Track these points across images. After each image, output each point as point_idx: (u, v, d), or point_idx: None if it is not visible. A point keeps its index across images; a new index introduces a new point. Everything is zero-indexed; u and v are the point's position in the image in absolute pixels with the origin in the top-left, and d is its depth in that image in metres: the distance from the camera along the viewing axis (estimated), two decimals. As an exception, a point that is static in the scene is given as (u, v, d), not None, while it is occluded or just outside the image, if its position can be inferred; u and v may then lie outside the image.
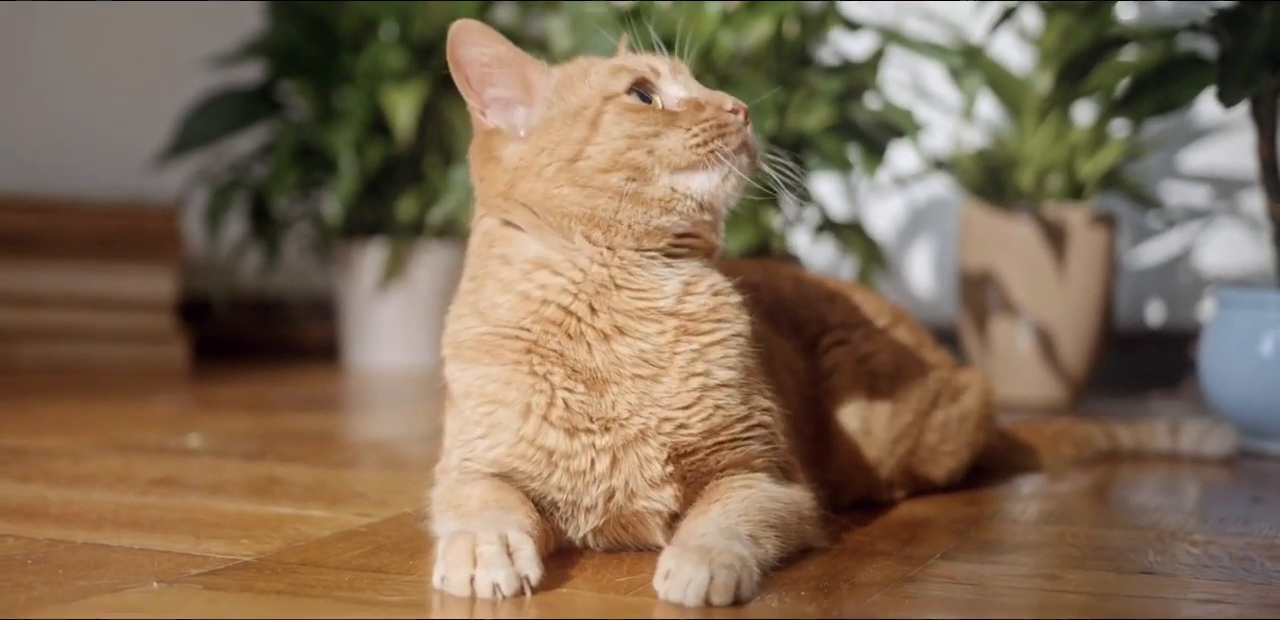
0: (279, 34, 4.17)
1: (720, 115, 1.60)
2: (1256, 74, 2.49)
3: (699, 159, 1.58)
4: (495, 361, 1.61)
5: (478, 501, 1.58)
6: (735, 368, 1.63)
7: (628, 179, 1.57)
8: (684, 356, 1.60)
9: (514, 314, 1.60)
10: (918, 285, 4.34)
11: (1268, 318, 2.65)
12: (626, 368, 1.58)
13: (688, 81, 1.66)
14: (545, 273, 1.60)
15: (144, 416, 3.00)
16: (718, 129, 1.59)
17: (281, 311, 4.79)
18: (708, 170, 1.59)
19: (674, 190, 1.59)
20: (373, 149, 4.07)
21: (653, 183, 1.58)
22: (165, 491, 2.04)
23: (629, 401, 1.58)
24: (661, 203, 1.59)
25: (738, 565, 1.40)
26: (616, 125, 1.58)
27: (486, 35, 1.62)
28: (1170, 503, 2.18)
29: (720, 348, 1.62)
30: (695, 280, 1.63)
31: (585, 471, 1.59)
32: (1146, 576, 1.62)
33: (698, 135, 1.58)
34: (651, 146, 1.58)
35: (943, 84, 3.94)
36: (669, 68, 1.66)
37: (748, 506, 1.57)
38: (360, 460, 2.51)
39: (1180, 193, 4.04)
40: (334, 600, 1.40)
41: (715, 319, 1.63)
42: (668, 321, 1.60)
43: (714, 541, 1.45)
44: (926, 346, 2.16)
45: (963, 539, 1.81)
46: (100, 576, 1.49)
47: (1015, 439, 2.42)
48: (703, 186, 1.59)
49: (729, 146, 1.59)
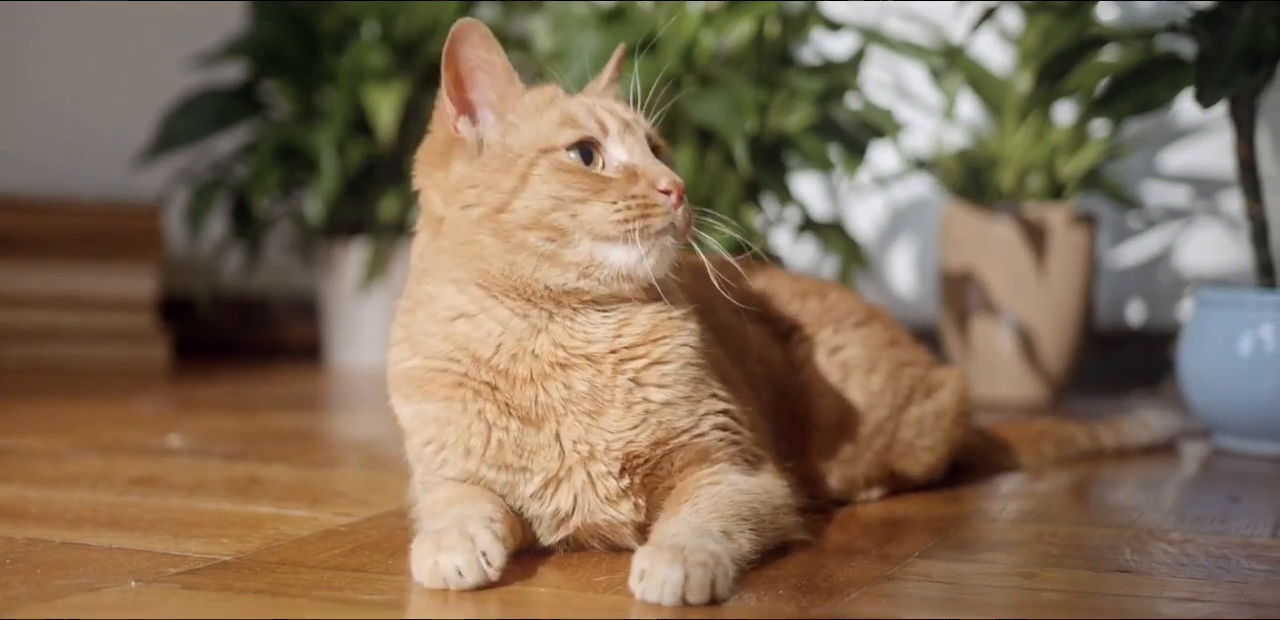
0: (261, 33, 4.16)
1: (651, 194, 1.55)
2: (1234, 74, 2.50)
3: (619, 235, 1.54)
4: (427, 398, 1.62)
5: (444, 502, 1.60)
6: (676, 383, 1.63)
7: (547, 239, 1.54)
8: (623, 387, 1.60)
9: (444, 346, 1.61)
10: (899, 285, 4.35)
11: (1245, 317, 2.66)
12: (561, 406, 1.58)
13: (635, 143, 1.60)
14: (464, 322, 1.60)
15: (125, 416, 2.99)
16: (643, 209, 1.54)
17: (263, 311, 4.78)
18: (627, 246, 1.54)
19: (593, 257, 1.55)
20: (354, 148, 4.06)
21: (572, 246, 1.55)
22: (145, 491, 2.04)
23: (573, 435, 1.59)
24: (580, 267, 1.56)
25: (711, 563, 1.40)
26: (545, 184, 1.55)
27: (487, 40, 1.61)
28: (1149, 501, 2.19)
29: (656, 368, 1.62)
30: (629, 316, 1.62)
31: (527, 495, 1.61)
32: (1123, 575, 1.62)
33: (621, 211, 1.54)
34: (575, 211, 1.54)
35: (924, 84, 3.94)
36: (620, 125, 1.61)
37: (717, 502, 1.57)
38: (341, 460, 2.51)
39: (1160, 193, 4.05)
40: (313, 599, 1.40)
41: (652, 340, 1.62)
42: (604, 361, 1.59)
43: (686, 540, 1.45)
44: (903, 344, 2.17)
45: (941, 537, 1.82)
46: (78, 576, 1.49)
47: (996, 438, 2.43)
48: (621, 260, 1.55)
49: (652, 228, 1.55)
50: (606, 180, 1.56)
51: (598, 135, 1.59)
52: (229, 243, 4.26)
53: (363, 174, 4.15)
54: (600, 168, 1.58)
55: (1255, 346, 2.65)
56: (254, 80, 4.23)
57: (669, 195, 1.55)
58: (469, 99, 1.63)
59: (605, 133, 1.60)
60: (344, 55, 4.10)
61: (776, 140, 3.23)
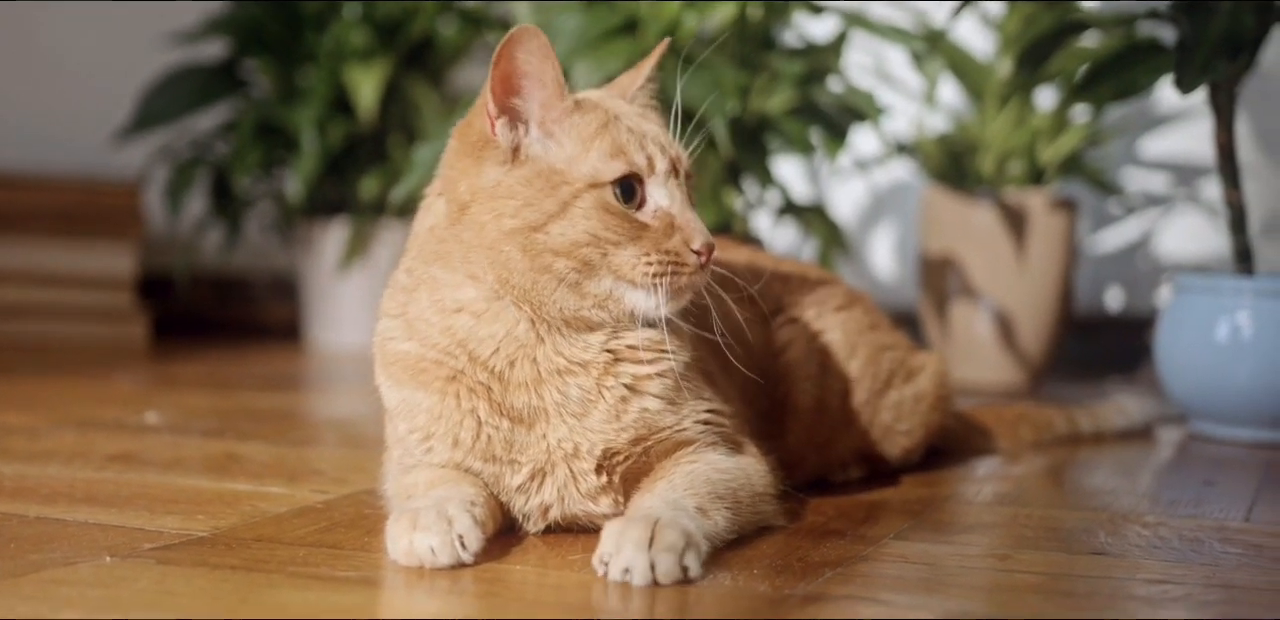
0: (242, 11, 4.15)
1: (684, 253, 1.58)
2: (1214, 61, 2.50)
3: (644, 284, 1.57)
4: (421, 388, 1.62)
5: (424, 484, 1.60)
6: (665, 389, 1.64)
7: (575, 270, 1.56)
8: (612, 391, 1.61)
9: (442, 339, 1.61)
10: (879, 269, 4.36)
11: (1223, 303, 2.67)
12: (553, 409, 1.60)
13: (677, 188, 1.61)
14: (468, 317, 1.60)
15: (103, 394, 2.98)
16: (674, 266, 1.58)
17: (243, 290, 4.77)
18: (648, 293, 1.58)
19: (612, 294, 1.58)
20: (335, 128, 4.05)
21: (595, 279, 1.57)
22: (122, 467, 2.04)
23: (558, 434, 1.60)
24: (597, 299, 1.58)
25: (680, 545, 1.41)
26: (586, 219, 1.55)
27: (545, 50, 1.58)
28: (1124, 485, 2.20)
29: (646, 380, 1.63)
30: (623, 330, 1.63)
31: (513, 487, 1.61)
32: (1097, 557, 1.63)
33: (652, 264, 1.57)
34: (608, 252, 1.56)
35: (905, 68, 3.94)
36: (666, 166, 1.61)
37: (693, 480, 1.58)
38: (319, 438, 2.52)
39: (1140, 179, 4.06)
40: (288, 575, 1.40)
41: (645, 348, 1.62)
42: (592, 366, 1.61)
43: (659, 512, 1.46)
44: (883, 328, 2.17)
45: (917, 519, 1.83)
46: (53, 550, 1.49)
47: (974, 422, 2.44)
48: (639, 304, 1.59)
49: (678, 284, 1.58)
50: (644, 227, 1.58)
51: (644, 173, 1.59)
52: (209, 221, 4.25)
53: (343, 153, 4.14)
54: (638, 205, 1.59)
55: (1232, 333, 2.66)
56: (235, 58, 4.22)
57: (699, 256, 1.58)
58: (513, 104, 1.60)
59: (652, 171, 1.60)
60: (325, 34, 4.08)
61: (758, 123, 3.23)
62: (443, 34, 4.16)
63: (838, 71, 3.34)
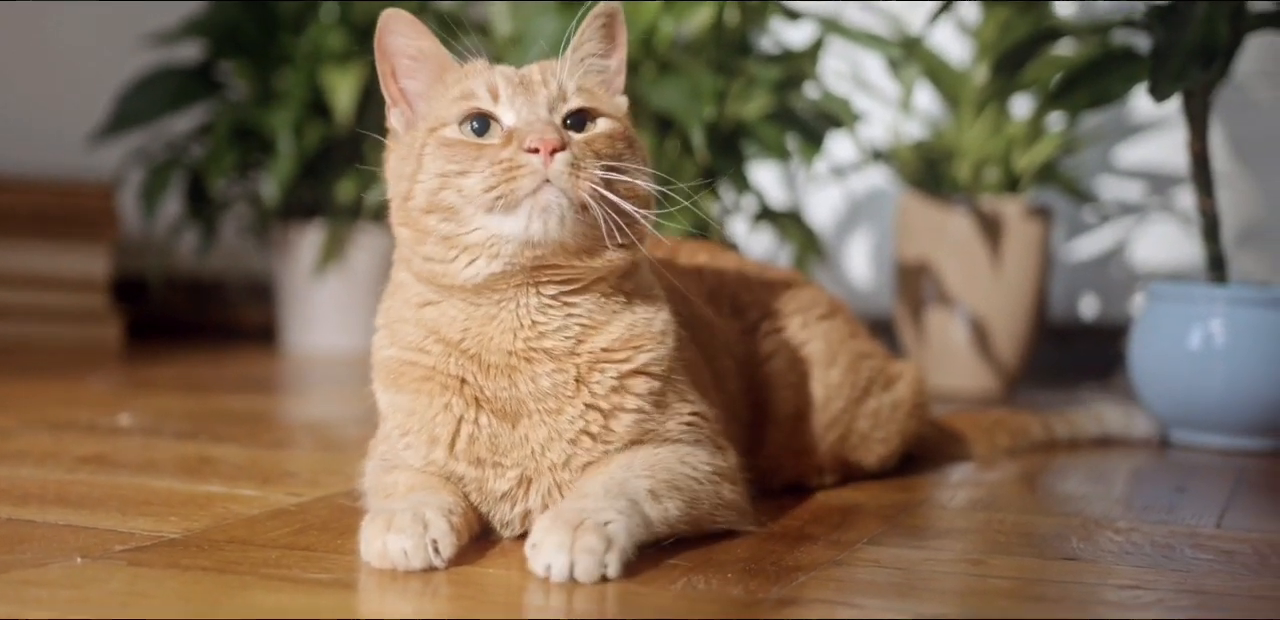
0: (219, 13, 4.13)
1: (516, 155, 1.47)
2: (1188, 69, 2.52)
3: (492, 203, 1.47)
4: (400, 390, 1.61)
5: (404, 486, 1.59)
6: (648, 393, 1.61)
7: (444, 219, 1.50)
8: (589, 390, 1.58)
9: (415, 335, 1.60)
10: (855, 275, 4.36)
11: (1196, 311, 2.68)
12: (530, 403, 1.56)
13: (526, 103, 1.52)
14: (431, 308, 1.59)
15: (76, 395, 2.97)
16: (507, 172, 1.47)
17: (218, 293, 4.75)
18: (510, 214, 1.48)
19: (489, 233, 1.49)
20: (312, 130, 4.04)
21: (467, 225, 1.49)
22: (94, 469, 2.03)
23: (540, 435, 1.57)
24: (483, 247, 1.50)
25: (600, 548, 1.39)
26: (433, 162, 1.51)
27: (414, 27, 1.58)
28: (1097, 491, 2.21)
29: (629, 379, 1.60)
30: (599, 322, 1.59)
31: (498, 493, 1.60)
32: (1070, 562, 1.64)
33: (488, 178, 1.47)
34: (459, 186, 1.49)
35: (882, 75, 3.95)
36: (512, 88, 1.52)
37: (654, 464, 1.56)
38: (293, 441, 2.51)
39: (1115, 187, 4.07)
40: (260, 577, 1.40)
41: (629, 347, 1.60)
42: (565, 361, 1.56)
43: (590, 504, 1.45)
44: (861, 337, 2.18)
45: (891, 525, 1.83)
46: (23, 551, 1.48)
47: (949, 428, 2.44)
48: (511, 230, 1.48)
49: (520, 191, 1.46)
50: (481, 148, 1.50)
51: (487, 104, 1.52)
52: (184, 224, 4.23)
53: (320, 156, 4.13)
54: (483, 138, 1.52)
55: (1205, 340, 2.67)
56: (211, 60, 4.20)
57: (535, 154, 1.46)
58: (404, 87, 1.60)
59: (496, 99, 1.53)
60: (302, 36, 4.08)
61: (734, 128, 3.23)
62: (420, 37, 4.16)
63: (814, 77, 3.35)
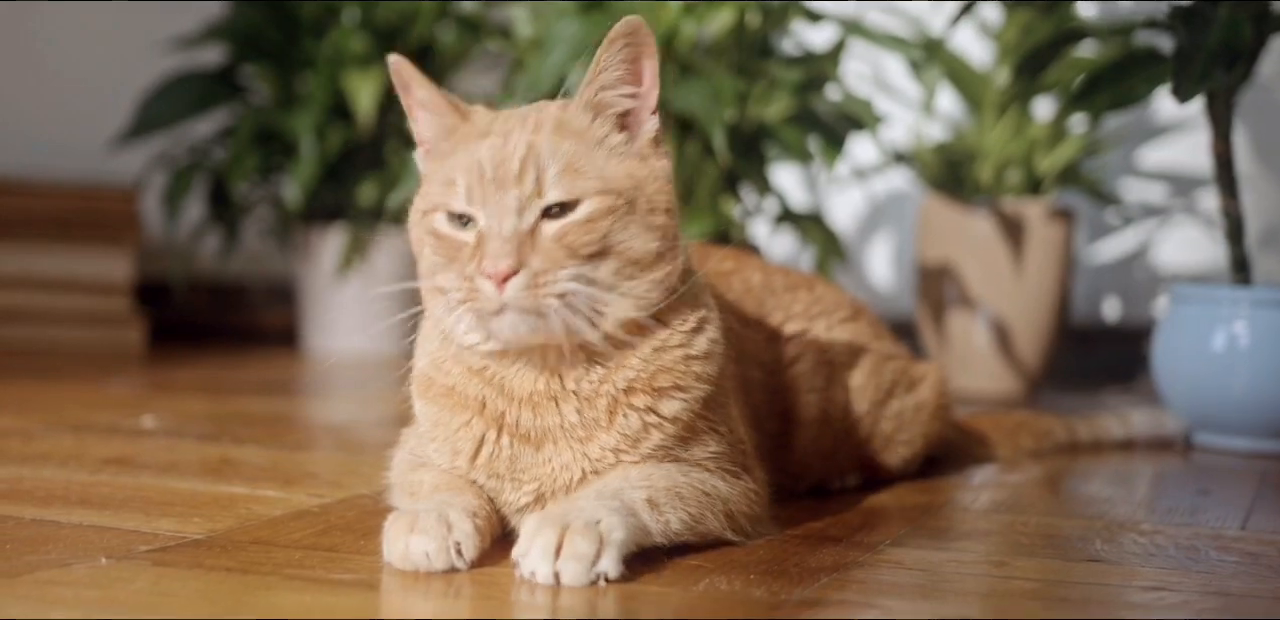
0: (241, 17, 4.15)
1: (475, 279, 1.44)
2: (1211, 70, 2.51)
3: (453, 309, 1.48)
4: (428, 401, 1.61)
5: (429, 486, 1.59)
6: (676, 430, 1.57)
7: (430, 293, 1.53)
8: (619, 424, 1.55)
9: (440, 353, 1.59)
10: (876, 278, 4.36)
11: (1220, 313, 2.67)
12: (557, 431, 1.55)
13: (491, 197, 1.46)
14: None
15: (99, 398, 2.98)
16: (469, 292, 1.45)
17: (240, 296, 4.77)
18: (479, 324, 1.48)
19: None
20: (334, 134, 4.05)
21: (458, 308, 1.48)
22: (117, 470, 2.03)
23: (565, 459, 1.55)
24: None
25: (590, 555, 1.37)
26: (427, 245, 1.51)
27: (413, 77, 1.55)
28: (1120, 493, 2.20)
29: (657, 413, 1.56)
30: (627, 364, 1.55)
31: (514, 506, 1.59)
32: (1093, 564, 1.63)
33: (458, 288, 1.46)
34: (446, 277, 1.48)
35: (903, 77, 3.95)
36: (481, 185, 1.46)
37: (654, 475, 1.54)
38: (315, 443, 2.51)
39: (1138, 189, 4.06)
40: (284, 577, 1.40)
41: (657, 388, 1.56)
42: (595, 399, 1.54)
43: (577, 514, 1.42)
44: (884, 339, 2.18)
45: (914, 526, 1.83)
46: (48, 552, 1.48)
47: (972, 430, 2.44)
48: (457, 332, 1.51)
49: (483, 311, 1.45)
50: (459, 249, 1.48)
51: (460, 204, 1.48)
52: (206, 227, 4.25)
53: (341, 159, 4.14)
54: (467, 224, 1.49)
55: (1229, 342, 2.66)
56: (233, 64, 4.22)
57: (489, 281, 1.43)
58: (420, 134, 1.60)
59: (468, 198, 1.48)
60: (324, 40, 4.09)
61: (756, 130, 3.23)
62: (441, 40, 4.17)
63: (836, 79, 3.35)
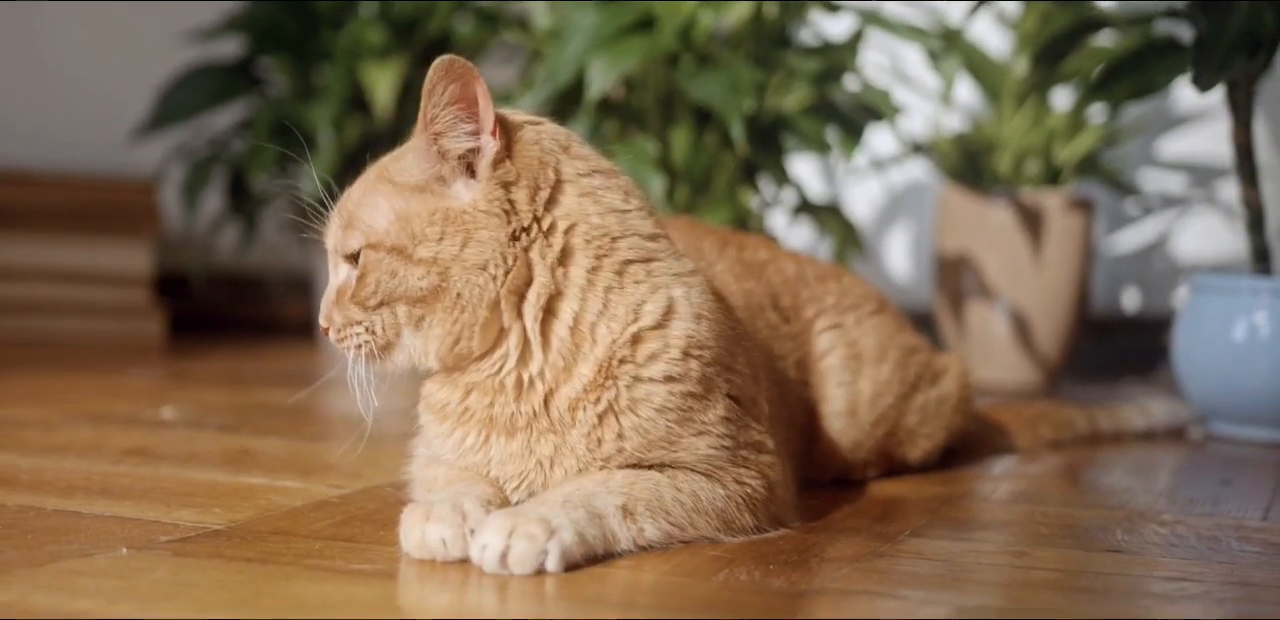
0: (259, 9, 4.15)
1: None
2: (1231, 59, 2.50)
3: None
4: (426, 407, 1.66)
5: (444, 480, 1.60)
6: (651, 427, 1.55)
7: None
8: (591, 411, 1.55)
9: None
10: (894, 269, 4.35)
11: (1240, 303, 2.67)
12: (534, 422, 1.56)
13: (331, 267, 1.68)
14: None
15: (118, 389, 2.99)
16: None
17: (259, 288, 4.77)
18: None
19: None
20: (352, 126, 4.06)
21: None
22: (137, 461, 2.04)
23: (544, 451, 1.55)
24: None
25: (542, 537, 1.38)
26: None
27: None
28: (1141, 484, 2.20)
29: (623, 417, 1.54)
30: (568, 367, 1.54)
31: (509, 503, 1.59)
32: (1114, 554, 1.63)
33: None
34: None
35: (922, 67, 3.94)
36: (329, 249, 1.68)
37: (633, 482, 1.52)
38: (334, 434, 2.51)
39: (1157, 179, 4.05)
40: (304, 567, 1.40)
41: (602, 386, 1.53)
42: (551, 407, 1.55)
43: (537, 509, 1.43)
44: (908, 331, 2.18)
45: (934, 517, 1.82)
46: (69, 542, 1.49)
47: (992, 421, 2.43)
48: None
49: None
50: None
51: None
52: (225, 219, 4.25)
53: (360, 151, 4.14)
54: None
55: (1250, 332, 2.65)
56: (252, 56, 4.22)
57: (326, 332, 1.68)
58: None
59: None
60: (342, 32, 4.09)
61: (774, 121, 3.22)
62: (459, 32, 4.17)
63: (854, 70, 3.34)
